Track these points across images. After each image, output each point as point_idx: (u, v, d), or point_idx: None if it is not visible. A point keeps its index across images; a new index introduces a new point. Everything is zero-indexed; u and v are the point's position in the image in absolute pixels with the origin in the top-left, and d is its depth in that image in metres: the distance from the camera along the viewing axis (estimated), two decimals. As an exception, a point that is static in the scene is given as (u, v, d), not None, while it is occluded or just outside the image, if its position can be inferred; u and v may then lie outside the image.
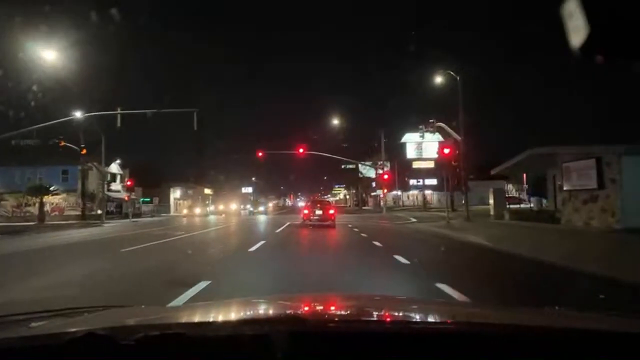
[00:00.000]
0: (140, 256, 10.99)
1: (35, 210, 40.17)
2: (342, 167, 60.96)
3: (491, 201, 25.57)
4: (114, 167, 48.84)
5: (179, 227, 25.43)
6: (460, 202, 34.73)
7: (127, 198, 43.21)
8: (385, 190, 42.85)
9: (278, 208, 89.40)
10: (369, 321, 1.59)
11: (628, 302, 5.34)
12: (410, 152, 45.61)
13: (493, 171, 25.16)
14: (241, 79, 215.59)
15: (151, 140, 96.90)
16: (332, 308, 2.07)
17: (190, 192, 70.35)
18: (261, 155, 40.01)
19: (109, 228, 28.22)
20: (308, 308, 1.99)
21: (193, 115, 26.34)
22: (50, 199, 42.55)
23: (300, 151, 39.05)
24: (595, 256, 9.29)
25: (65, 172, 43.93)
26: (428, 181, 59.43)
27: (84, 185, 42.24)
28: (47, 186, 40.70)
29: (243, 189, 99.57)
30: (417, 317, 1.80)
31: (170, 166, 70.39)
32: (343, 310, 2.01)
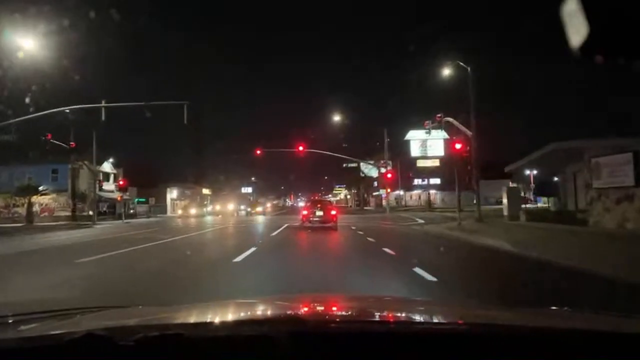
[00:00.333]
0: (90, 270, 8.80)
1: (24, 211, 38.60)
2: (344, 166, 59.55)
3: (504, 201, 23.81)
4: (107, 166, 47.08)
5: (168, 230, 23.52)
6: (466, 203, 33.31)
7: (120, 198, 41.53)
8: (389, 189, 41.14)
9: (277, 208, 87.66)
10: (370, 322, 1.57)
11: None
12: (414, 150, 43.72)
13: (507, 168, 23.50)
14: (241, 79, 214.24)
15: (151, 139, 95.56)
16: (333, 309, 2.02)
17: (187, 192, 68.69)
18: (259, 153, 38.98)
19: (97, 230, 26.84)
20: (308, 308, 1.96)
21: (188, 110, 24.64)
22: (39, 199, 40.97)
23: (300, 149, 37.88)
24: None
25: (55, 171, 42.16)
26: (432, 180, 57.88)
27: (74, 184, 40.43)
28: (36, 186, 39.23)
29: (243, 189, 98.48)
30: (418, 318, 1.77)
31: (168, 166, 69.21)
32: (343, 310, 1.98)
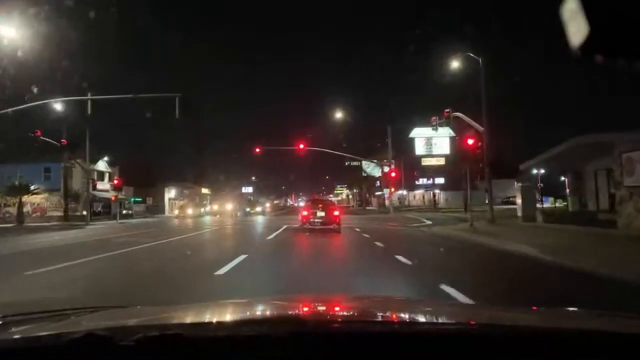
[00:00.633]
0: (33, 285, 7.15)
1: (15, 211, 37.22)
2: (346, 164, 58.12)
3: (518, 201, 22.35)
4: (102, 165, 45.64)
5: (158, 232, 21.91)
6: (472, 203, 31.89)
7: (114, 198, 40.08)
8: (392, 189, 39.72)
9: (278, 208, 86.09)
10: (370, 322, 1.55)
11: None
12: (418, 149, 42.16)
13: (522, 166, 22.00)
14: (241, 79, 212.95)
15: (150, 139, 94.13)
16: (333, 309, 2.00)
17: (186, 192, 67.21)
18: (259, 151, 37.69)
19: (87, 231, 25.43)
20: (308, 308, 1.95)
21: (180, 103, 23.19)
22: (30, 199, 39.57)
23: (300, 147, 36.53)
24: None
25: (47, 170, 40.73)
26: (436, 180, 56.41)
27: (67, 183, 38.95)
28: (27, 185, 37.84)
29: (243, 189, 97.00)
30: (419, 318, 1.75)
31: (167, 166, 67.51)
32: (343, 310, 1.97)
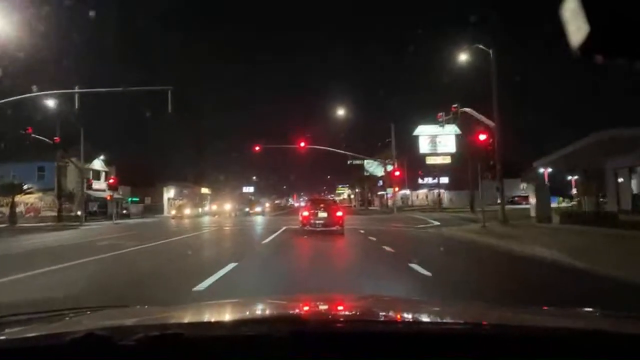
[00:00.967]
0: None
1: (7, 211, 36.18)
2: (349, 163, 56.83)
3: (532, 201, 21.16)
4: (98, 164, 44.50)
5: (149, 233, 20.57)
6: (478, 203, 30.86)
7: (110, 197, 39.00)
8: (396, 188, 38.58)
9: (279, 208, 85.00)
10: (371, 322, 1.55)
11: None
12: (423, 147, 40.74)
13: (535, 163, 20.85)
14: (241, 79, 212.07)
15: (149, 139, 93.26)
16: (334, 308, 1.99)
17: (185, 192, 66.09)
18: (258, 149, 36.67)
19: (79, 232, 24.52)
20: (308, 308, 1.95)
21: (172, 97, 22.05)
22: (24, 199, 38.48)
23: (301, 145, 35.48)
24: None
25: (41, 169, 39.57)
26: (441, 179, 55.13)
27: (61, 183, 37.89)
28: (20, 184, 36.79)
29: (244, 189, 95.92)
30: (423, 318, 1.75)
31: (167, 165, 66.49)
32: (345, 310, 1.95)
